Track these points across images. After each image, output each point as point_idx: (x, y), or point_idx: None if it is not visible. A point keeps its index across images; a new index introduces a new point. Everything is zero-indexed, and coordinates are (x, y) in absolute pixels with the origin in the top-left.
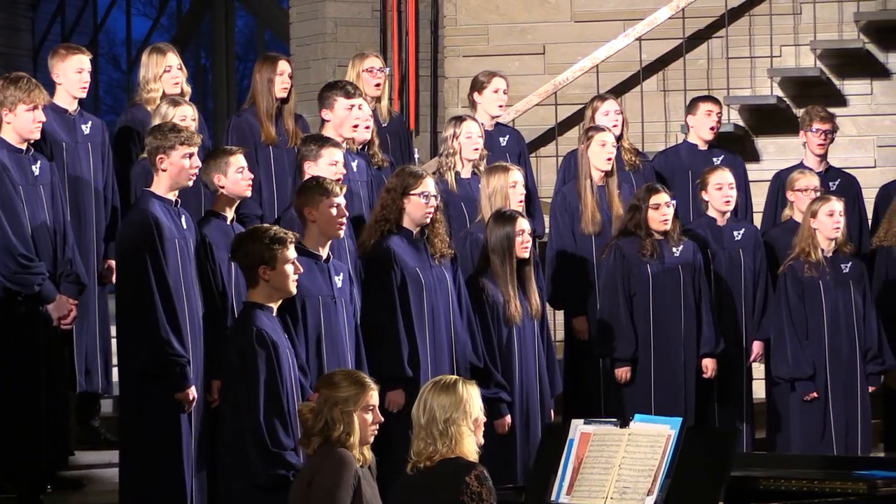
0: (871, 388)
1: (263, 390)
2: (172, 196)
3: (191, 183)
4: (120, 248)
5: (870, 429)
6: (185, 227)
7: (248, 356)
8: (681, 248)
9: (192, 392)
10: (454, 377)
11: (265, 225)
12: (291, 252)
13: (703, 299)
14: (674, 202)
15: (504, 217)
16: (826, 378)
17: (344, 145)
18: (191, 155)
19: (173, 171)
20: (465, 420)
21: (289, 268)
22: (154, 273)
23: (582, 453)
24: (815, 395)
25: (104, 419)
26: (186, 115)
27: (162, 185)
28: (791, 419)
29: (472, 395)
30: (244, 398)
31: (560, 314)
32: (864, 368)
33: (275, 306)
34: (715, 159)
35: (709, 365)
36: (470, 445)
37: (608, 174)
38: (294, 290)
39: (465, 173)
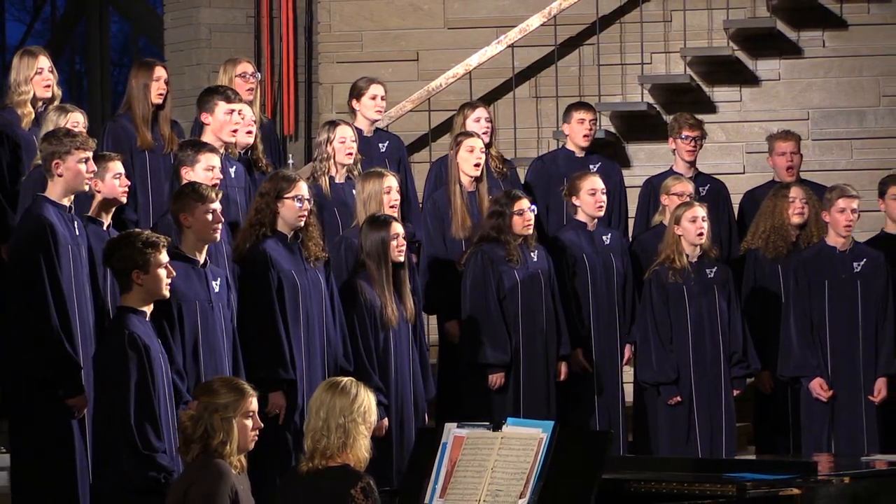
0: (735, 392)
1: (135, 393)
2: (67, 201)
3: (87, 188)
4: (13, 252)
5: (734, 432)
6: (77, 233)
7: (120, 359)
8: (537, 252)
9: (85, 397)
10: (352, 379)
11: (137, 230)
12: (164, 256)
13: (558, 302)
14: (534, 207)
15: (378, 222)
16: (690, 382)
17: (222, 151)
18: (87, 160)
19: (69, 176)
20: (363, 423)
21: (161, 272)
22: (48, 278)
23: (455, 456)
24: (678, 399)
25: None
26: (79, 122)
27: (57, 191)
28: (658, 423)
29: (371, 401)
30: (115, 401)
31: (433, 319)
32: (728, 372)
33: (147, 310)
34: (592, 166)
35: (561, 368)
36: (363, 449)
37: (478, 180)
38: (167, 294)
39: (340, 178)
